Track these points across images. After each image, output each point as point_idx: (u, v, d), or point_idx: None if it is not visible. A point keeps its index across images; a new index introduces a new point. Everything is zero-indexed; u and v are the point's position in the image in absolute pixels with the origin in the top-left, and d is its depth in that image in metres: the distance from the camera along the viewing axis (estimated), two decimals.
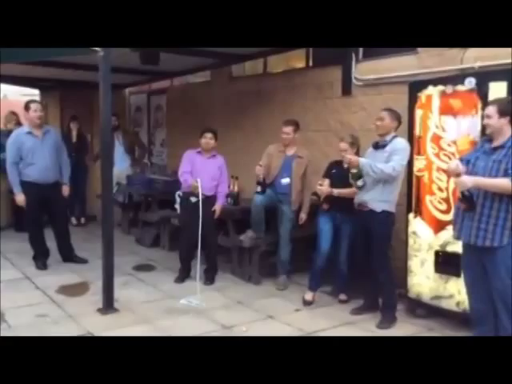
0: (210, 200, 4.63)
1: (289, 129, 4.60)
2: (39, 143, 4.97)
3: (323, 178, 4.20)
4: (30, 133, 4.96)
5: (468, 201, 2.82)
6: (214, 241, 4.81)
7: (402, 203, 3.92)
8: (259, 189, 4.52)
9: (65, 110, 8.34)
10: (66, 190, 5.21)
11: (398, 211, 3.85)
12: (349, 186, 3.95)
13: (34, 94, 9.73)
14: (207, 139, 4.71)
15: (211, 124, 5.16)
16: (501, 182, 2.73)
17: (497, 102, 2.97)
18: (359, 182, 3.77)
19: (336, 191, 4.08)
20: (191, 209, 4.58)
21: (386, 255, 3.79)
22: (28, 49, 2.94)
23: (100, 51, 3.11)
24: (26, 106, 5.00)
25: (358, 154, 4.11)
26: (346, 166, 3.98)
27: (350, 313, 4.03)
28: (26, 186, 4.95)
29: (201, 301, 4.16)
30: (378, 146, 3.81)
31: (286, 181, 4.62)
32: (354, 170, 3.73)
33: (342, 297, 4.32)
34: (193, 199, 4.52)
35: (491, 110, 2.88)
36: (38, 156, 4.93)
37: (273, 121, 5.01)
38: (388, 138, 3.76)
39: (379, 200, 3.72)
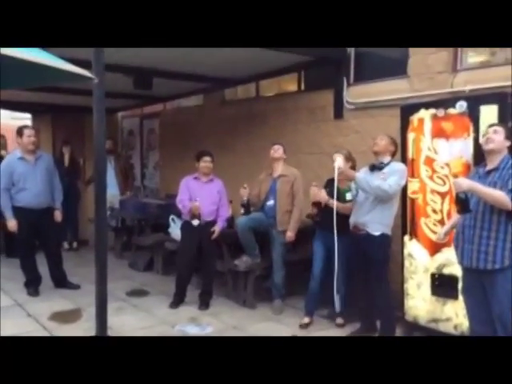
0: (210, 225, 4.61)
1: (279, 146, 4.65)
2: (31, 168, 4.94)
3: (319, 186, 4.15)
4: (22, 158, 4.94)
5: (462, 203, 2.78)
6: (212, 266, 4.80)
7: (397, 224, 3.92)
8: (242, 211, 4.58)
9: (57, 134, 8.34)
10: (58, 216, 5.17)
11: (393, 233, 3.86)
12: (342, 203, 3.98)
13: (25, 117, 9.73)
14: (207, 163, 4.71)
15: (204, 147, 5.17)
16: (497, 193, 2.72)
17: (503, 124, 3.00)
18: (348, 196, 3.78)
19: (331, 201, 3.95)
20: (192, 233, 4.56)
21: (384, 279, 3.78)
22: (23, 75, 2.94)
23: (95, 79, 3.10)
24: (19, 132, 4.98)
25: (354, 169, 4.12)
26: (336, 182, 3.92)
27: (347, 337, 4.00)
28: (18, 211, 4.90)
29: (201, 328, 4.15)
30: (374, 168, 3.83)
31: (270, 203, 4.63)
32: (344, 186, 3.76)
33: (339, 320, 4.28)
34: (195, 222, 4.50)
35: (499, 128, 2.88)
36: (31, 181, 4.90)
37: (265, 144, 5.03)
38: (385, 160, 3.78)
39: (378, 222, 3.72)
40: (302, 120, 5.45)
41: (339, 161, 3.78)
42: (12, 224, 4.91)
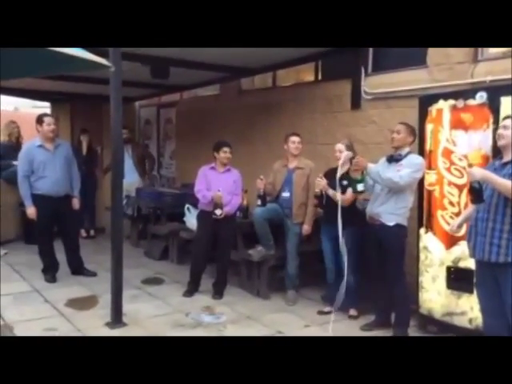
0: (226, 214, 4.62)
1: (298, 139, 4.62)
2: (51, 156, 5.00)
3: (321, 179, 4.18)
4: (41, 146, 5.00)
5: (476, 193, 2.78)
6: (227, 255, 4.82)
7: (413, 217, 3.88)
8: (259, 202, 4.58)
9: (75, 123, 8.41)
10: (76, 203, 5.23)
11: (409, 226, 3.82)
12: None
13: (45, 106, 9.85)
14: (226, 154, 4.70)
15: (220, 137, 5.17)
16: (510, 184, 2.69)
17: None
18: (359, 187, 3.77)
19: (331, 192, 4.08)
20: (208, 222, 4.60)
21: (401, 269, 3.76)
22: (38, 64, 2.97)
23: (111, 67, 3.12)
24: (40, 120, 5.03)
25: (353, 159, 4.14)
26: (339, 175, 4.00)
27: (361, 329, 3.98)
28: (37, 198, 4.97)
29: (215, 317, 4.18)
30: (391, 159, 3.79)
31: (286, 195, 4.63)
32: (357, 177, 3.77)
33: (353, 312, 4.26)
34: (217, 212, 4.52)
35: (509, 121, 2.84)
36: (50, 169, 4.96)
37: (282, 134, 5.00)
38: (403, 152, 3.75)
39: (392, 213, 3.70)
40: (318, 110, 5.40)
41: (344, 152, 3.99)
42: (31, 211, 4.99)
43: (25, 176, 4.94)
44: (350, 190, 4.01)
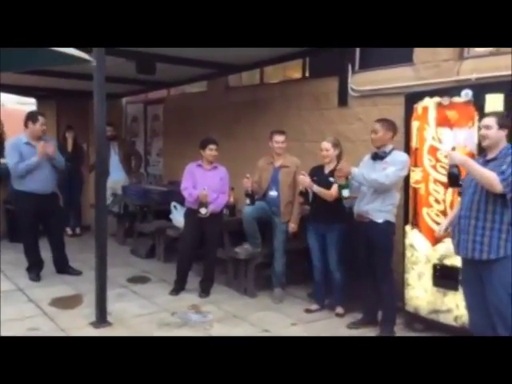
0: (213, 213, 4.58)
1: (283, 138, 4.60)
2: (36, 153, 4.91)
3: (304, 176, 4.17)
4: (28, 143, 4.92)
5: (453, 177, 2.93)
6: (214, 253, 4.79)
7: (399, 215, 3.88)
8: (248, 201, 4.54)
9: (61, 120, 8.29)
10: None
11: (395, 223, 3.82)
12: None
13: (30, 102, 9.71)
14: (212, 151, 4.66)
15: (207, 134, 5.13)
16: (487, 173, 2.71)
17: (495, 114, 2.95)
18: (345, 193, 3.77)
19: (315, 187, 4.10)
20: (195, 220, 4.56)
21: (389, 266, 3.76)
22: (22, 57, 2.92)
23: (93, 61, 3.07)
24: (34, 118, 4.92)
25: (340, 157, 4.21)
26: (326, 171, 4.11)
27: (347, 327, 3.98)
28: (23, 196, 4.90)
29: (202, 316, 4.16)
30: (376, 157, 3.78)
31: (273, 194, 4.61)
32: (340, 182, 3.76)
33: (339, 310, 4.26)
34: (202, 211, 4.48)
35: (491, 120, 2.84)
36: (37, 167, 4.88)
37: (269, 131, 4.98)
38: (387, 149, 3.74)
39: (380, 210, 3.70)
40: (305, 107, 5.39)
41: (330, 150, 4.12)
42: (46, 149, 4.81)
43: (17, 162, 4.79)
44: (335, 186, 3.99)
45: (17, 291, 4.74)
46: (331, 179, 4.05)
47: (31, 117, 4.98)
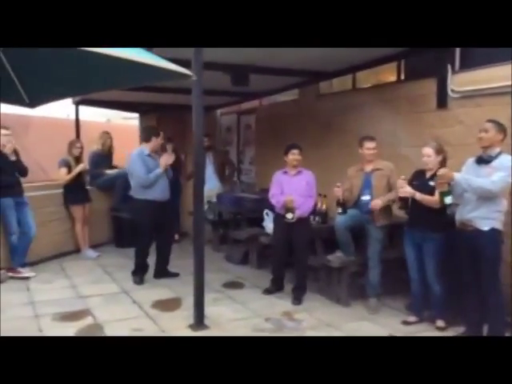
0: (301, 218, 4.60)
1: (373, 144, 4.48)
2: (158, 164, 5.31)
3: (403, 181, 3.99)
4: (149, 155, 5.34)
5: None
6: (304, 260, 4.78)
7: (507, 222, 3.60)
8: (340, 210, 4.46)
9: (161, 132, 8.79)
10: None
11: (503, 230, 3.55)
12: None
13: (133, 117, 10.42)
14: (295, 155, 4.72)
15: (299, 142, 5.15)
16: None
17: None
18: (447, 200, 3.56)
19: (418, 195, 3.89)
20: (283, 227, 4.59)
21: (496, 277, 3.51)
22: (123, 76, 3.12)
23: (193, 76, 3.22)
24: (157, 133, 5.47)
25: (444, 163, 3.95)
26: (428, 176, 3.91)
27: None
28: (145, 203, 5.24)
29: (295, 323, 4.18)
30: (481, 161, 3.56)
31: (365, 198, 4.48)
32: (443, 189, 3.54)
33: (440, 323, 4.03)
34: (289, 216, 4.52)
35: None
36: (159, 176, 5.27)
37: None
38: (493, 153, 3.50)
39: (485, 217, 3.47)
40: (401, 111, 5.21)
41: (432, 156, 3.89)
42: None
43: (146, 173, 5.18)
44: (437, 193, 3.79)
45: (122, 293, 5.07)
46: (431, 183, 3.86)
47: (154, 132, 5.49)
